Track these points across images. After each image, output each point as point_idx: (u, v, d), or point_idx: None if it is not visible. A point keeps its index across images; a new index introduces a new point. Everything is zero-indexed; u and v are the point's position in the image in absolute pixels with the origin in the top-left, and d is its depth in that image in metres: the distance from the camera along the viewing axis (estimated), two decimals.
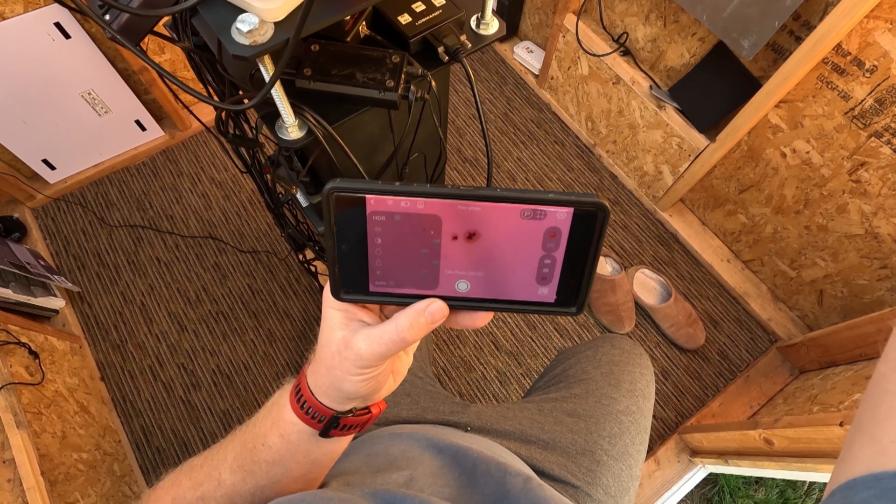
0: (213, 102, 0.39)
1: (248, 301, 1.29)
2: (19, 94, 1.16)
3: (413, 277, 0.26)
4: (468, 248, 0.25)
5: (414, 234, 0.25)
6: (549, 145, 1.51)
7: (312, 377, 0.31)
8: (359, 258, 0.25)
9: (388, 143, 0.59)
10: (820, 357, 1.12)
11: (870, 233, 1.00)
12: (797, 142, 1.02)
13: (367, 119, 0.53)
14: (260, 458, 0.34)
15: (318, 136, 0.46)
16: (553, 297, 0.26)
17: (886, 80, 0.84)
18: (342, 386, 0.29)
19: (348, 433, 0.33)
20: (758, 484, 1.21)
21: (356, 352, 0.27)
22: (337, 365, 0.28)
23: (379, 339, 0.27)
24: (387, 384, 0.32)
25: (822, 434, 0.75)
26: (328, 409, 0.31)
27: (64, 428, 0.96)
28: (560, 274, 0.25)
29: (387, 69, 0.46)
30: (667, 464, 1.12)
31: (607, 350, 0.72)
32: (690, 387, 1.22)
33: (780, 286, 1.26)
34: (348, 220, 0.24)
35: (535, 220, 0.24)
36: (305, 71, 0.46)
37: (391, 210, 0.24)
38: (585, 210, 0.24)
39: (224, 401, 1.19)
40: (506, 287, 0.26)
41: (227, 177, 1.45)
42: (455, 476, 0.44)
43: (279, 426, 0.33)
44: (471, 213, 0.24)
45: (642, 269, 1.31)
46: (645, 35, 1.19)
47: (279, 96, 0.41)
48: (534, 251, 0.25)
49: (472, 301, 0.27)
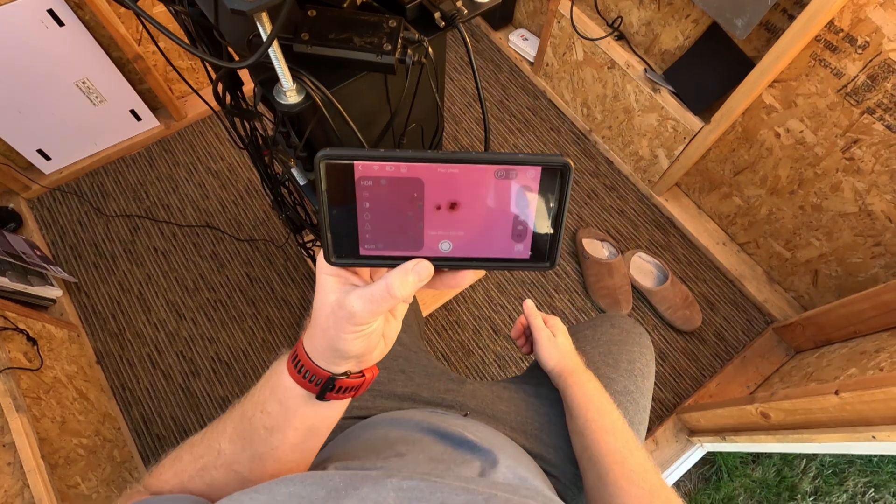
0: (214, 60, 0.39)
1: (247, 289, 1.29)
2: (13, 83, 1.15)
3: (400, 240, 0.28)
4: (449, 209, 0.27)
5: (399, 197, 0.26)
6: (545, 132, 1.52)
7: (309, 341, 0.32)
8: (349, 223, 0.27)
9: (385, 116, 0.60)
10: (815, 336, 1.13)
11: (863, 210, 1.01)
12: (791, 121, 1.03)
13: (364, 89, 0.54)
14: (258, 424, 0.35)
15: (317, 100, 0.46)
16: (528, 253, 0.28)
17: (878, 56, 0.84)
18: (337, 345, 0.30)
19: (344, 396, 0.34)
20: (755, 463, 1.22)
21: (349, 310, 0.28)
22: (332, 325, 0.29)
23: (370, 297, 0.28)
24: (378, 347, 0.33)
25: (817, 404, 0.76)
26: (324, 370, 0.32)
27: (63, 413, 0.96)
28: (533, 230, 0.27)
29: (384, 34, 0.46)
30: (665, 443, 1.13)
31: (606, 329, 0.72)
32: (688, 368, 1.23)
33: (776, 268, 1.27)
34: (338, 186, 0.26)
35: (508, 180, 0.26)
36: (303, 36, 0.46)
37: (377, 175, 0.26)
38: (551, 168, 0.26)
39: (223, 388, 1.19)
40: (485, 245, 0.28)
41: (224, 166, 1.44)
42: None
43: (277, 392, 0.34)
44: (450, 175, 0.26)
45: (639, 253, 1.32)
46: (639, 18, 1.20)
47: (277, 57, 0.41)
48: (508, 210, 0.27)
49: (455, 260, 0.28)
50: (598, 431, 0.51)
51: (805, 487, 1.19)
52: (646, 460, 0.49)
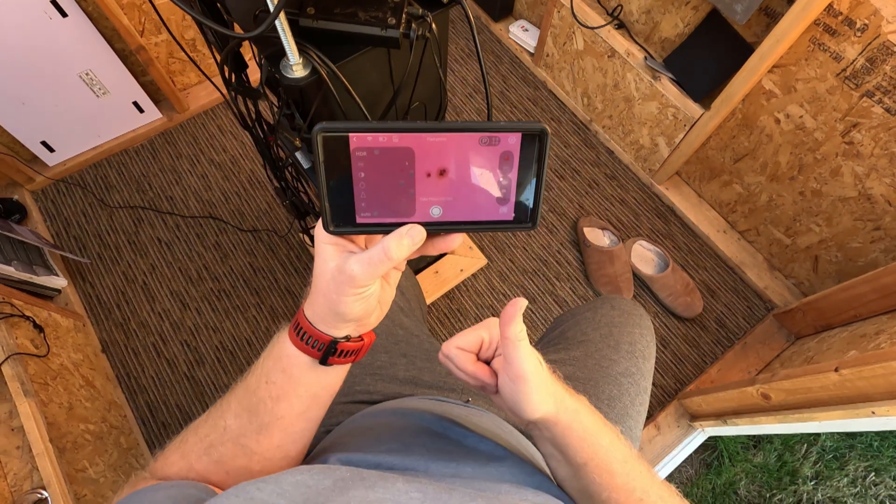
0: (222, 29, 0.40)
1: (250, 279, 1.30)
2: (17, 75, 1.16)
3: (393, 207, 0.29)
4: (438, 176, 0.29)
5: (392, 166, 0.28)
6: (545, 122, 1.52)
7: (310, 308, 0.33)
8: (345, 193, 0.29)
9: (389, 94, 0.60)
10: (815, 321, 1.14)
11: (863, 195, 1.01)
12: (791, 106, 1.03)
13: (368, 65, 0.54)
14: (264, 395, 0.36)
15: (322, 74, 0.47)
16: (511, 214, 0.30)
17: (877, 39, 0.85)
18: (339, 308, 0.31)
19: (345, 360, 0.35)
20: (756, 448, 1.23)
21: (349, 274, 0.30)
22: (333, 289, 0.31)
23: (368, 260, 0.30)
24: (375, 312, 0.35)
25: (818, 382, 0.77)
26: (326, 335, 0.33)
27: (70, 399, 0.97)
28: (515, 193, 0.29)
29: (388, 8, 0.47)
30: (666, 429, 1.14)
31: (607, 311, 0.72)
32: (689, 354, 1.24)
33: (776, 254, 1.27)
34: (335, 157, 0.28)
35: (492, 146, 0.28)
36: (309, 10, 0.47)
37: (371, 146, 0.27)
38: (530, 134, 0.28)
39: (228, 376, 1.20)
40: (472, 209, 0.30)
41: (226, 158, 1.45)
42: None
43: (281, 361, 0.35)
44: (438, 143, 0.28)
45: (640, 241, 1.32)
46: (639, 6, 1.20)
47: (284, 29, 0.42)
48: (492, 174, 0.29)
49: (445, 224, 0.30)
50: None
51: (806, 472, 1.19)
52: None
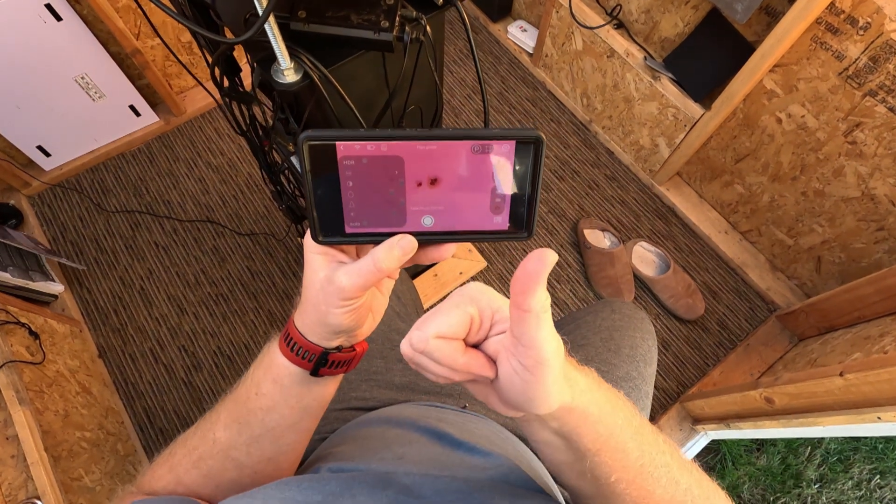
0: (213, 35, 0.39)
1: (248, 283, 1.29)
2: (12, 79, 1.15)
3: (383, 216, 0.29)
4: (429, 185, 0.28)
5: (381, 175, 0.27)
6: (545, 123, 1.51)
7: (300, 319, 0.32)
8: (334, 202, 0.28)
9: (384, 98, 0.59)
10: (818, 323, 1.12)
11: (866, 195, 1.00)
12: (792, 106, 1.02)
13: (362, 69, 0.53)
14: (254, 406, 0.35)
15: (314, 78, 0.46)
16: (506, 224, 0.29)
17: (880, 37, 0.84)
18: (328, 320, 0.31)
19: (337, 371, 0.34)
20: (759, 451, 1.21)
21: (338, 285, 0.29)
22: (322, 300, 0.30)
23: (358, 271, 0.29)
24: (367, 322, 0.34)
25: (822, 387, 0.75)
26: (316, 346, 0.32)
27: (66, 407, 0.96)
28: (510, 202, 0.28)
29: (381, 11, 0.46)
30: (669, 432, 1.12)
31: (607, 315, 0.71)
32: (691, 357, 1.23)
33: (778, 255, 1.26)
34: (322, 166, 0.27)
35: (484, 154, 0.27)
36: (300, 13, 0.46)
37: (359, 154, 0.26)
38: (525, 142, 0.27)
39: (226, 381, 1.19)
40: (465, 218, 0.29)
41: (224, 161, 1.44)
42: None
43: (271, 372, 0.34)
44: (428, 151, 0.27)
45: (640, 243, 1.31)
46: (638, 6, 1.19)
47: (274, 33, 0.41)
48: (486, 183, 0.28)
49: (437, 234, 0.29)
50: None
51: (810, 475, 1.18)
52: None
